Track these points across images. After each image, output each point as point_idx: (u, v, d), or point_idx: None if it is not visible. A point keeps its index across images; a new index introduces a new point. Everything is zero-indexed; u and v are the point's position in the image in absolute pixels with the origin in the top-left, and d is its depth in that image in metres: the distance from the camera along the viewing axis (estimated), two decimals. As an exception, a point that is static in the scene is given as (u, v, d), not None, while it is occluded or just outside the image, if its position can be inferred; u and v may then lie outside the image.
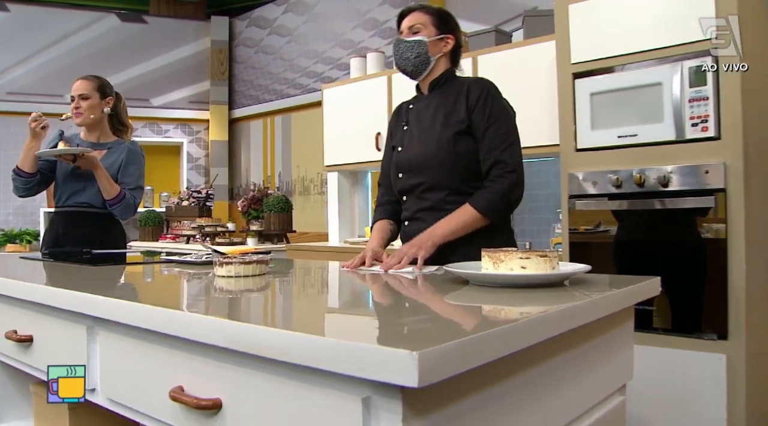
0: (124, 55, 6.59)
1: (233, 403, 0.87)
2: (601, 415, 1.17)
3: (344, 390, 0.73)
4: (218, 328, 0.84)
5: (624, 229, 2.48)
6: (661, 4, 2.34)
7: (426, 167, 1.78)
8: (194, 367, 0.93)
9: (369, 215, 4.39)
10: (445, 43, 1.86)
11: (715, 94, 2.21)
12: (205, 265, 1.78)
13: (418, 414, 0.71)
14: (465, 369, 0.71)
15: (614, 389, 1.27)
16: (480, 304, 1.09)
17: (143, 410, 1.04)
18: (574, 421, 1.09)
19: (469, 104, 1.75)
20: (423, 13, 1.86)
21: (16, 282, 1.40)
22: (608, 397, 1.24)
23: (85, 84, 2.64)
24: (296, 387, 0.78)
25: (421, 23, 1.84)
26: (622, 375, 1.30)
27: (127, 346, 1.08)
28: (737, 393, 2.18)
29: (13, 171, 2.59)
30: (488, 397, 0.84)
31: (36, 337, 1.35)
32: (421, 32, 1.84)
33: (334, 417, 0.74)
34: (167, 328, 0.94)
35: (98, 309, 1.10)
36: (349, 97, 3.96)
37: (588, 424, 1.13)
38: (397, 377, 0.65)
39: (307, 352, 0.72)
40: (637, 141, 2.42)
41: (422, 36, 1.83)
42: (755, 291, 2.25)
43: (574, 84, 2.59)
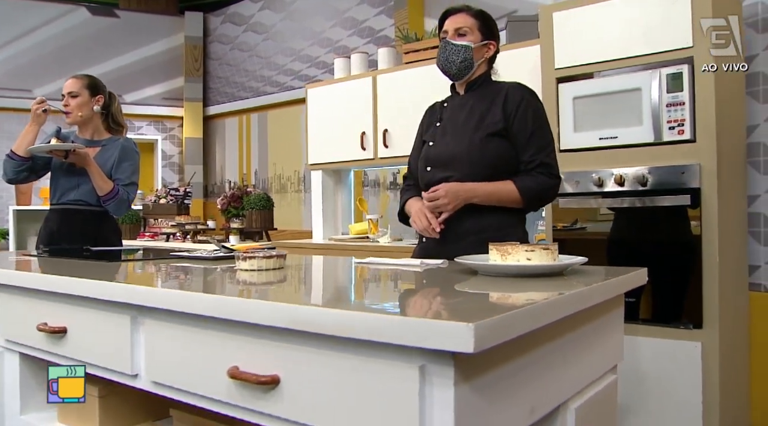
0: (94, 49, 6.58)
1: (291, 379, 0.99)
2: (600, 389, 1.34)
3: (401, 360, 0.87)
4: (284, 311, 0.97)
5: (603, 225, 2.67)
6: (640, 14, 2.54)
7: (455, 163, 1.90)
8: (249, 348, 1.06)
9: (352, 213, 4.52)
10: (487, 48, 1.97)
11: (691, 100, 2.42)
12: (216, 260, 1.89)
13: (465, 380, 0.86)
14: (504, 339, 0.86)
15: (608, 368, 1.44)
16: (497, 290, 1.24)
17: (193, 390, 1.16)
18: (577, 393, 1.25)
19: (508, 109, 1.87)
20: (469, 16, 1.96)
21: (48, 276, 1.49)
22: (604, 375, 1.41)
23: (74, 82, 2.72)
24: (353, 360, 0.92)
25: (468, 27, 1.94)
26: (614, 356, 1.47)
27: (174, 333, 1.20)
28: (711, 378, 2.39)
29: (7, 154, 2.66)
30: (514, 367, 0.99)
31: (71, 329, 1.45)
32: (468, 36, 1.94)
33: (392, 385, 0.87)
34: (225, 314, 1.06)
35: (147, 299, 1.21)
36: (333, 97, 4.08)
37: (588, 397, 1.29)
38: (455, 345, 0.79)
39: (373, 328, 0.86)
40: (618, 143, 2.61)
41: (468, 41, 1.93)
42: (727, 283, 2.47)
43: (557, 88, 2.77)
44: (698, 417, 2.41)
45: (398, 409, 0.87)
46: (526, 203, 1.88)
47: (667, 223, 2.49)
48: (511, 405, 0.99)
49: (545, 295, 1.07)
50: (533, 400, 1.06)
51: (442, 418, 0.85)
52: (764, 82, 2.78)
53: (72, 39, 6.53)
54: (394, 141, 3.72)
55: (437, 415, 0.85)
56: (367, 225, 3.97)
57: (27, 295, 1.59)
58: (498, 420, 0.95)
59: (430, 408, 0.85)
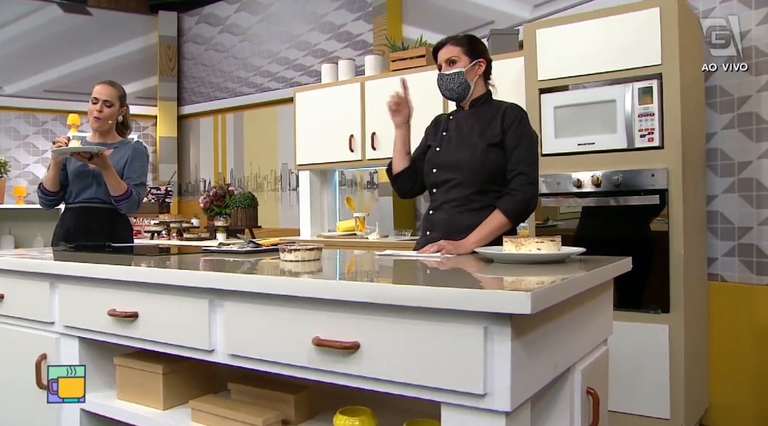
0: (66, 47, 6.63)
1: (370, 344, 1.26)
2: (598, 355, 1.66)
3: (468, 323, 1.15)
4: (365, 288, 1.24)
5: (583, 222, 3.01)
6: (616, 34, 2.88)
7: (458, 168, 2.21)
8: (330, 321, 1.32)
9: (337, 211, 4.79)
10: (478, 66, 2.28)
11: (660, 111, 2.78)
12: (247, 254, 2.13)
13: (516, 337, 1.15)
14: (548, 305, 1.16)
15: (602, 339, 1.76)
16: (518, 274, 1.53)
17: (274, 359, 1.41)
18: (582, 358, 1.56)
19: (505, 124, 2.19)
20: (454, 45, 2.28)
21: (121, 267, 1.72)
22: (599, 345, 1.73)
23: (111, 91, 2.93)
24: (425, 325, 1.19)
25: (455, 55, 2.26)
26: (606, 330, 1.79)
27: (254, 312, 1.44)
28: (677, 357, 2.75)
29: (39, 189, 2.92)
30: (544, 331, 1.28)
31: (142, 313, 1.68)
32: (458, 63, 2.25)
33: (460, 343, 1.15)
34: (312, 293, 1.32)
35: (230, 283, 1.46)
36: (321, 101, 4.33)
37: (590, 362, 1.60)
38: (517, 309, 1.08)
39: (449, 299, 1.14)
40: (594, 148, 2.96)
41: (459, 67, 2.25)
42: (691, 272, 2.84)
43: (540, 98, 3.10)
44: (665, 393, 2.76)
45: (466, 361, 1.15)
46: (515, 223, 2.20)
47: (638, 219, 2.85)
48: (543, 359, 1.28)
49: (560, 277, 1.36)
50: (556, 357, 1.36)
51: (501, 366, 1.13)
52: (721, 94, 3.17)
53: (43, 36, 6.56)
54: (381, 143, 4.00)
55: (497, 364, 1.13)
56: (354, 222, 4.24)
57: (90, 285, 1.80)
58: (535, 370, 1.24)
59: (491, 359, 1.14)
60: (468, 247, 2.08)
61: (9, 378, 2.07)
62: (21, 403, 2.03)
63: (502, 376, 1.13)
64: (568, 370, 1.49)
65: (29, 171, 6.52)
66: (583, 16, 3.01)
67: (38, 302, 1.98)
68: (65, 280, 1.90)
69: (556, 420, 1.50)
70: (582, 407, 1.52)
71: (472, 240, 2.09)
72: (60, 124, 6.64)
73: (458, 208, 2.20)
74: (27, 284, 2.01)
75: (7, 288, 2.09)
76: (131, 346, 1.76)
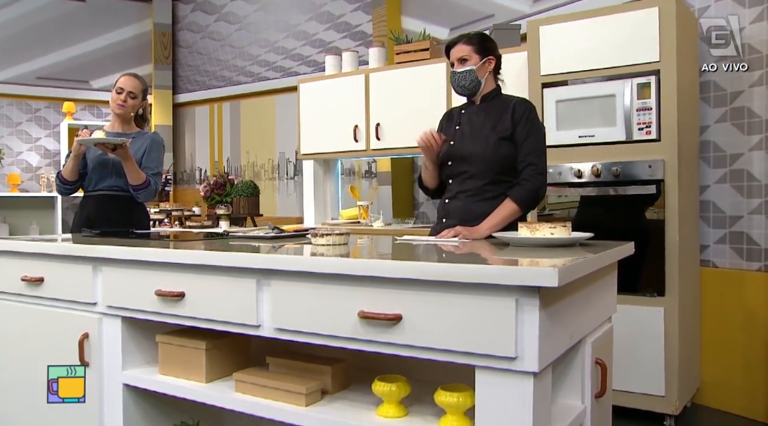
0: (60, 33, 6.72)
1: (411, 315, 1.46)
2: (605, 330, 1.87)
3: (501, 295, 1.35)
4: (410, 266, 1.44)
5: (583, 210, 3.23)
6: (616, 32, 3.09)
7: (472, 160, 2.42)
8: (373, 296, 1.51)
9: (340, 199, 4.98)
10: (488, 63, 2.48)
11: (657, 105, 3.00)
12: (274, 239, 2.32)
13: (543, 308, 1.35)
14: (571, 280, 1.37)
15: (608, 316, 1.97)
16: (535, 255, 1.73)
17: (320, 332, 1.61)
18: (592, 331, 1.77)
19: (515, 118, 2.39)
20: (465, 44, 2.47)
21: (170, 250, 1.90)
22: (605, 322, 1.94)
23: (136, 83, 3.10)
24: (462, 297, 1.39)
25: (466, 54, 2.46)
26: (611, 308, 2.01)
27: (300, 290, 1.63)
28: (672, 338, 2.99)
29: (59, 178, 3.07)
30: (563, 304, 1.49)
31: (189, 292, 1.87)
32: (469, 61, 2.45)
33: (494, 313, 1.36)
34: (356, 271, 1.51)
35: (278, 264, 1.65)
36: (326, 92, 4.51)
37: (598, 336, 1.81)
38: (546, 282, 1.28)
39: (488, 275, 1.34)
40: (595, 140, 3.17)
41: (470, 65, 2.45)
42: (685, 258, 3.07)
43: (542, 92, 3.31)
44: (661, 372, 3.00)
45: (499, 329, 1.35)
46: (525, 211, 2.41)
47: (636, 208, 3.07)
48: (562, 329, 1.49)
49: (577, 257, 1.57)
50: (572, 329, 1.57)
51: (530, 333, 1.34)
52: (715, 89, 3.40)
53: (36, 22, 6.65)
54: (386, 134, 4.19)
55: (527, 331, 1.34)
56: (358, 210, 4.43)
57: (135, 267, 1.98)
58: (556, 338, 1.45)
59: (522, 327, 1.34)
60: (482, 232, 2.28)
61: (51, 356, 2.24)
62: (65, 378, 2.21)
63: (531, 341, 1.34)
64: (580, 342, 1.70)
65: (22, 159, 6.63)
66: (585, 14, 3.22)
67: (81, 284, 2.15)
68: (109, 263, 2.07)
69: (570, 387, 1.72)
70: (592, 376, 1.74)
71: (486, 226, 2.30)
72: (53, 112, 6.76)
73: (473, 197, 2.40)
74: (69, 267, 2.18)
75: (48, 271, 2.26)
76: (177, 324, 1.95)
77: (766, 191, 3.22)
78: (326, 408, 1.72)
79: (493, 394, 1.39)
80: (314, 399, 1.75)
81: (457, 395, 1.53)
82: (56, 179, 3.12)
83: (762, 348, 3.21)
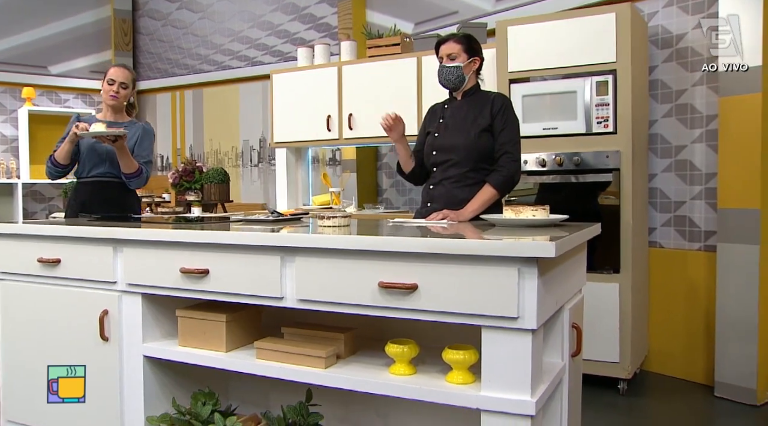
0: (17, 17, 6.64)
1: (426, 284, 1.72)
2: (578, 299, 2.18)
3: (505, 265, 1.62)
4: (426, 242, 1.69)
5: (547, 197, 3.56)
6: (578, 34, 3.41)
7: (455, 150, 2.68)
8: (391, 268, 1.76)
9: (311, 186, 5.19)
10: (474, 63, 2.74)
11: (614, 102, 3.33)
12: (277, 222, 2.53)
13: (540, 276, 1.63)
14: (563, 251, 1.65)
15: (580, 287, 2.28)
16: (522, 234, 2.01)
17: (341, 301, 1.84)
18: (569, 299, 2.07)
19: (493, 111, 2.66)
20: (455, 42, 2.72)
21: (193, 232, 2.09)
22: (578, 292, 2.25)
23: (126, 73, 3.22)
24: (471, 268, 1.66)
25: (455, 52, 2.71)
26: (582, 280, 2.31)
27: (321, 264, 1.86)
28: (625, 311, 3.35)
29: (51, 161, 3.15)
30: (552, 274, 1.77)
31: (213, 269, 2.07)
32: (457, 59, 2.71)
33: (499, 281, 1.63)
34: (376, 247, 1.76)
35: (302, 241, 1.87)
36: (298, 83, 4.70)
37: (573, 304, 2.11)
38: (544, 253, 1.56)
39: (494, 248, 1.60)
40: (557, 132, 3.50)
41: (458, 62, 2.70)
42: (638, 239, 3.44)
43: (510, 87, 3.60)
44: (616, 340, 3.36)
45: (504, 293, 1.62)
46: (502, 194, 2.70)
47: (594, 194, 3.41)
48: (551, 295, 1.78)
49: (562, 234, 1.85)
50: (557, 296, 1.86)
51: (530, 297, 1.61)
52: (662, 87, 3.77)
53: (-9, 6, 6.56)
54: (358, 123, 4.43)
55: (527, 295, 1.61)
56: (330, 197, 4.66)
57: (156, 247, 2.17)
58: (547, 302, 1.73)
59: (523, 291, 1.62)
60: (466, 215, 2.56)
61: (72, 333, 2.40)
62: (86, 353, 2.37)
63: (530, 303, 1.62)
64: (560, 309, 2.00)
65: (-22, 145, 6.55)
66: (550, 17, 3.53)
67: (101, 264, 2.31)
68: (130, 243, 2.24)
69: (551, 346, 2.01)
70: (569, 338, 2.04)
71: (469, 209, 2.58)
72: (10, 97, 6.68)
73: (455, 183, 2.67)
74: (88, 249, 2.34)
75: (65, 253, 2.41)
76: (200, 299, 2.15)
77: (706, 179, 3.62)
78: (343, 369, 1.96)
79: (497, 350, 1.66)
80: (331, 362, 1.99)
81: (463, 353, 1.80)
82: (48, 162, 3.19)
83: (702, 319, 3.62)
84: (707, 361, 3.55)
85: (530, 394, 1.64)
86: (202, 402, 2.29)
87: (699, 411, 3.30)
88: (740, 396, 3.26)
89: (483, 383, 1.69)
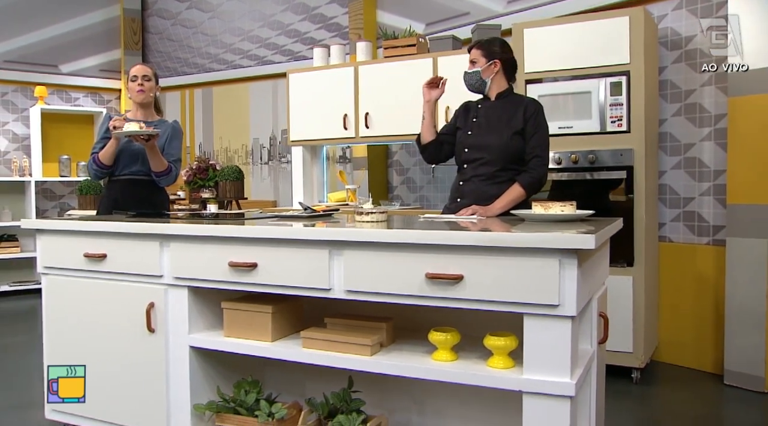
0: (27, 15, 6.72)
1: (471, 275, 1.84)
2: (604, 289, 2.31)
3: (547, 257, 1.75)
4: (472, 235, 1.82)
5: (562, 194, 3.69)
6: (592, 37, 3.54)
7: (488, 149, 2.81)
8: (438, 260, 1.88)
9: (326, 183, 5.31)
10: (494, 65, 2.86)
11: (627, 102, 3.47)
12: (311, 218, 2.66)
13: (579, 266, 1.76)
14: (599, 244, 1.78)
15: (605, 279, 2.41)
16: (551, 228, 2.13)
17: (389, 291, 1.97)
18: (597, 290, 2.20)
19: (526, 115, 2.79)
20: (475, 49, 2.87)
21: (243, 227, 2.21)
22: (603, 284, 2.38)
23: (147, 68, 3.34)
24: (514, 259, 1.78)
25: (475, 57, 2.86)
26: (606, 273, 2.45)
27: (369, 257, 1.98)
28: (639, 303, 3.49)
29: (95, 162, 3.26)
30: (587, 265, 1.90)
31: (261, 263, 2.19)
32: (477, 64, 2.85)
33: (540, 271, 1.75)
34: (424, 240, 1.88)
35: (351, 235, 2.00)
36: (315, 83, 4.82)
37: (600, 294, 2.24)
38: (584, 245, 1.69)
39: (539, 241, 1.73)
40: (573, 131, 3.63)
41: (477, 67, 2.85)
42: (651, 234, 3.58)
43: (526, 88, 3.73)
44: (629, 331, 3.50)
45: (545, 283, 1.75)
46: (529, 194, 2.81)
47: (609, 190, 3.55)
48: (585, 285, 1.91)
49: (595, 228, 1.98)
50: (589, 286, 1.99)
51: (570, 286, 1.74)
52: (672, 87, 3.91)
53: (3, 4, 6.62)
54: (374, 122, 4.55)
55: (567, 284, 1.75)
56: (346, 194, 4.78)
57: (203, 242, 2.28)
58: (582, 292, 1.86)
59: (563, 281, 1.75)
60: (495, 211, 2.69)
61: (119, 325, 2.51)
62: (132, 344, 2.49)
63: (570, 292, 1.75)
64: (590, 299, 2.13)
65: (-10, 143, 6.63)
66: (566, 20, 3.67)
67: (147, 259, 2.43)
68: (177, 239, 2.36)
69: (584, 333, 2.14)
70: (597, 325, 2.17)
71: (498, 206, 2.71)
72: (21, 96, 6.77)
73: (486, 180, 2.80)
74: (134, 244, 2.46)
75: (111, 248, 2.52)
76: (247, 291, 2.27)
77: (714, 176, 3.76)
78: (387, 357, 2.08)
79: (539, 335, 1.79)
80: (376, 350, 2.11)
81: (504, 339, 1.93)
82: (91, 162, 3.28)
83: (711, 310, 3.77)
84: (716, 351, 3.69)
85: (570, 376, 1.77)
86: (246, 390, 2.41)
87: (710, 398, 3.44)
88: (749, 383, 3.40)
89: (525, 367, 1.82)
